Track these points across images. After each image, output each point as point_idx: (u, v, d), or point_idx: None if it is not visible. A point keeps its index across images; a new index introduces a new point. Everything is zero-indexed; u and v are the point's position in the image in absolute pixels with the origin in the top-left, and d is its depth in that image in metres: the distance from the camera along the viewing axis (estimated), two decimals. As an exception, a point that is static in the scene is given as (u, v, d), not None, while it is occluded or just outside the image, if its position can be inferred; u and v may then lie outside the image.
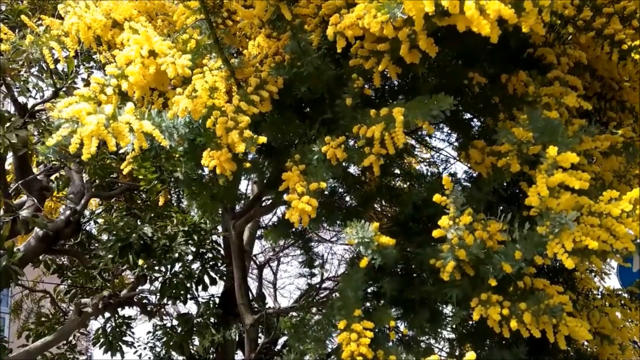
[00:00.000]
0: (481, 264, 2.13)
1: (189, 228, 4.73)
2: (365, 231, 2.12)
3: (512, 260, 2.05)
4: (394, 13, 1.84)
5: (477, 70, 2.60)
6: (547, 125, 2.08)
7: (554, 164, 1.96)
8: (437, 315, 2.79)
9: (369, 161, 2.23)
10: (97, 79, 2.37)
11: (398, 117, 2.10)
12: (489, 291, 2.15)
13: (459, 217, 2.08)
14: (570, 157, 1.94)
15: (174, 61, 2.29)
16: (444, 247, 2.11)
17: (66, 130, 2.00)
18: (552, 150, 1.95)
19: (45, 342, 4.87)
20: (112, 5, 2.63)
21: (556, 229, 1.94)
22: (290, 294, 11.46)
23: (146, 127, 2.12)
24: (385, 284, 2.54)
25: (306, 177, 2.26)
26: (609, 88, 2.74)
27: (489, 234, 2.12)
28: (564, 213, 1.94)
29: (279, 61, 2.43)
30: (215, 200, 3.21)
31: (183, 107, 2.19)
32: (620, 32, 2.26)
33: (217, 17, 2.45)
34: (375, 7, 1.89)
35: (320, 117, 2.54)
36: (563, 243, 1.94)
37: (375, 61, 2.21)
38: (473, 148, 2.51)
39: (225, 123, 2.18)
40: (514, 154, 2.22)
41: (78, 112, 2.02)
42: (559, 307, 2.11)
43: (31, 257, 4.77)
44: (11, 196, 4.58)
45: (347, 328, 2.25)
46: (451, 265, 2.09)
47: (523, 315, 2.08)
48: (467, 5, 1.66)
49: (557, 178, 1.95)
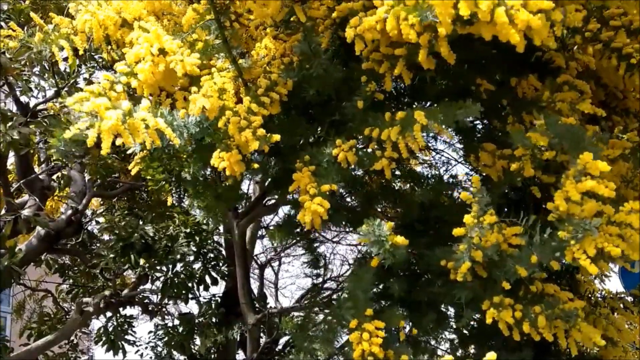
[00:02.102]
0: (494, 266, 2.13)
1: (190, 229, 4.73)
2: (381, 230, 2.11)
3: (527, 264, 2.06)
4: (426, 16, 1.82)
5: (485, 74, 2.59)
6: (568, 131, 2.08)
7: (582, 171, 1.97)
8: (443, 317, 2.79)
9: (380, 165, 2.23)
10: (107, 76, 2.36)
11: (422, 120, 2.09)
12: (501, 294, 2.15)
13: (482, 215, 2.07)
14: (600, 166, 1.95)
15: (183, 59, 2.29)
16: (461, 247, 2.10)
17: (85, 124, 1.99)
18: (587, 156, 1.96)
19: (47, 341, 4.87)
20: (122, 4, 2.62)
21: (579, 234, 1.94)
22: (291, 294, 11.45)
23: (161, 124, 2.13)
24: (393, 284, 2.54)
25: (317, 179, 2.26)
26: (614, 97, 2.75)
27: (504, 237, 2.12)
28: (588, 219, 1.95)
29: (287, 63, 2.43)
30: (219, 200, 3.21)
31: (200, 106, 2.18)
32: (628, 46, 2.27)
33: (225, 17, 2.44)
34: (404, 9, 1.87)
35: (327, 118, 2.54)
36: (585, 249, 1.94)
37: (388, 65, 2.21)
38: (483, 151, 2.51)
39: (238, 123, 2.19)
40: (527, 158, 2.22)
41: (97, 107, 2.02)
42: (574, 312, 2.11)
43: (33, 256, 4.77)
44: (13, 195, 4.57)
45: (359, 327, 2.25)
46: (466, 266, 2.09)
47: (537, 319, 2.08)
48: (499, 13, 1.66)
49: (586, 185, 1.96)
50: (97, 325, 5.96)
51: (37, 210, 4.54)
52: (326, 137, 2.41)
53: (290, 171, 2.52)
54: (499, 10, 1.67)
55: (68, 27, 2.64)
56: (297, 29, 2.31)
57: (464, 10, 1.71)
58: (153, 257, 4.69)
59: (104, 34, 2.56)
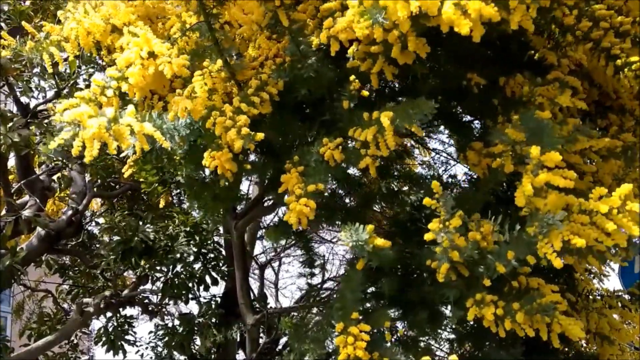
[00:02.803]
0: (475, 264, 2.14)
1: (190, 229, 4.75)
2: (359, 234, 2.12)
3: (505, 261, 2.06)
4: (376, 18, 1.85)
5: (477, 72, 2.60)
6: (537, 125, 2.08)
7: (539, 164, 1.96)
8: (437, 316, 2.80)
9: (364, 163, 2.24)
10: (97, 81, 2.38)
11: (385, 121, 2.12)
12: (484, 291, 2.15)
13: (449, 220, 2.08)
14: (554, 157, 1.94)
15: (170, 60, 2.31)
16: (437, 250, 2.11)
17: (68, 133, 2.02)
18: (535, 150, 1.95)
19: (47, 342, 4.90)
20: (111, 10, 2.64)
21: (545, 229, 1.94)
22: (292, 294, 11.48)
23: (147, 129, 2.14)
24: (384, 284, 2.55)
25: (305, 179, 2.27)
26: (607, 96, 2.75)
27: (482, 234, 2.12)
28: (552, 213, 1.94)
29: (279, 63, 2.44)
30: (217, 200, 3.23)
31: (183, 107, 2.20)
32: (616, 46, 2.27)
33: (216, 20, 2.46)
34: (358, 12, 1.90)
35: (319, 118, 2.56)
36: (552, 243, 1.94)
37: (371, 63, 2.22)
38: (471, 150, 2.52)
39: (224, 122, 2.19)
40: (508, 155, 2.22)
41: (80, 116, 2.04)
42: (552, 305, 2.10)
43: (33, 256, 4.80)
44: (13, 196, 4.60)
45: (345, 331, 2.27)
46: (445, 267, 2.10)
47: (516, 315, 2.08)
48: (445, 7, 1.67)
49: (541, 178, 1.95)
50: (97, 325, 6.00)
51: (37, 211, 4.57)
52: (316, 137, 2.42)
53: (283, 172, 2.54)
54: (446, 3, 1.68)
55: (59, 35, 2.67)
56: (284, 33, 2.32)
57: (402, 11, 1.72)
58: (153, 258, 4.71)
59: (93, 41, 2.58)
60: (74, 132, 2.00)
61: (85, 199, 4.87)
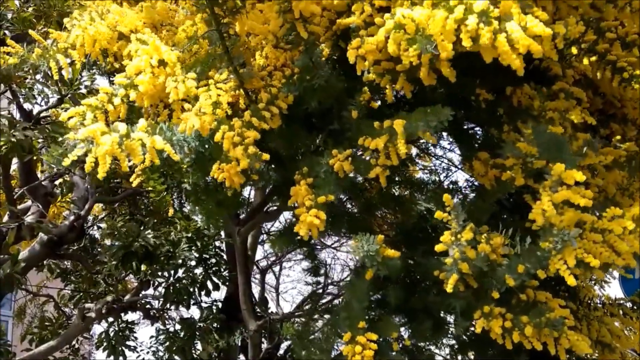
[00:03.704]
0: (484, 276, 2.15)
1: (192, 234, 4.75)
2: (370, 244, 2.14)
3: (515, 274, 2.08)
4: (427, 49, 1.86)
5: (483, 81, 2.61)
6: (552, 140, 2.10)
7: (558, 181, 1.98)
8: (441, 324, 2.81)
9: (375, 173, 2.25)
10: (104, 89, 2.39)
11: (399, 129, 2.13)
12: (492, 303, 2.17)
13: (460, 232, 2.10)
14: (575, 175, 1.97)
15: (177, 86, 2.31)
16: (447, 261, 2.13)
17: (81, 150, 2.03)
18: (559, 167, 1.97)
19: (49, 347, 4.90)
20: (118, 17, 2.65)
21: (559, 245, 1.96)
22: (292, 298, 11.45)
23: (158, 143, 2.15)
24: (390, 293, 2.56)
25: (314, 190, 2.28)
26: (611, 105, 2.77)
27: (492, 247, 2.14)
28: (567, 230, 1.96)
29: (288, 74, 2.45)
30: (221, 207, 3.24)
31: (191, 125, 2.21)
32: (622, 59, 2.29)
33: (227, 28, 2.47)
34: (405, 39, 1.90)
35: (327, 127, 2.57)
36: (565, 259, 1.96)
37: (389, 79, 2.24)
38: (477, 160, 2.54)
39: (232, 138, 2.20)
40: (518, 168, 2.24)
41: (93, 133, 2.05)
42: (560, 320, 2.13)
43: (35, 262, 4.79)
44: (16, 202, 4.60)
45: (352, 340, 2.28)
46: (454, 278, 2.11)
47: (525, 328, 2.10)
48: (500, 41, 1.70)
49: (561, 195, 1.98)
50: (98, 330, 6.00)
51: (40, 217, 4.57)
52: (324, 147, 2.43)
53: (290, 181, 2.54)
54: (501, 38, 1.70)
55: (66, 42, 2.68)
56: (298, 43, 2.33)
57: (466, 42, 1.74)
58: (155, 263, 4.71)
59: (100, 48, 2.59)
60: (87, 148, 2.02)
61: (88, 205, 4.87)
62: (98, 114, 2.30)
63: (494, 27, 1.71)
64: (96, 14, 2.64)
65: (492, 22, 1.72)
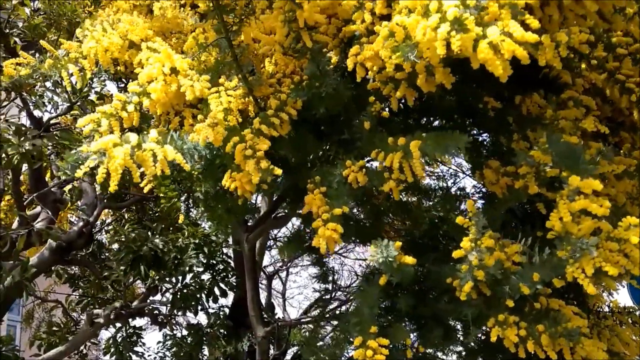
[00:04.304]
0: (498, 284, 2.16)
1: (199, 241, 4.77)
2: (389, 250, 2.14)
3: (530, 282, 2.08)
4: (407, 57, 1.88)
5: (491, 90, 2.62)
6: (567, 149, 2.10)
7: (575, 190, 1.99)
8: (450, 332, 2.81)
9: (388, 187, 2.27)
10: (118, 96, 2.41)
11: (415, 151, 2.14)
12: (506, 312, 2.17)
13: (480, 239, 2.10)
14: (593, 184, 1.97)
15: (193, 84, 2.33)
16: (463, 268, 2.13)
17: (94, 162, 2.05)
18: (574, 179, 1.97)
19: (58, 352, 4.92)
20: (129, 26, 2.68)
21: (577, 254, 1.96)
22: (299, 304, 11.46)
23: (170, 154, 2.17)
24: (400, 300, 2.57)
25: (328, 201, 2.29)
26: (620, 113, 2.77)
27: (507, 255, 2.14)
28: (585, 238, 1.96)
29: (297, 81, 2.47)
30: (230, 213, 3.25)
31: (204, 137, 2.22)
32: (631, 80, 2.29)
33: (236, 36, 2.49)
34: (390, 47, 1.92)
35: (337, 135, 2.58)
36: (583, 268, 1.96)
37: (392, 87, 2.25)
38: (487, 168, 2.54)
39: (243, 150, 2.21)
40: (531, 176, 2.25)
41: (105, 145, 2.07)
42: (577, 330, 2.13)
43: (44, 267, 4.81)
44: (25, 209, 4.63)
45: (363, 344, 2.28)
46: (469, 285, 2.12)
47: (540, 337, 2.10)
48: (481, 47, 1.68)
49: (579, 204, 1.98)
50: (106, 335, 6.02)
51: (49, 223, 4.59)
52: (335, 156, 2.44)
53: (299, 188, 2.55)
54: (482, 44, 1.68)
55: (77, 51, 2.70)
56: (305, 52, 2.34)
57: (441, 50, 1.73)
58: (162, 269, 4.73)
59: (111, 58, 2.61)
60: (99, 160, 2.04)
61: (96, 211, 4.89)
62: (112, 121, 2.32)
63: (473, 34, 1.68)
64: (107, 24, 2.66)
65: (470, 29, 1.69)
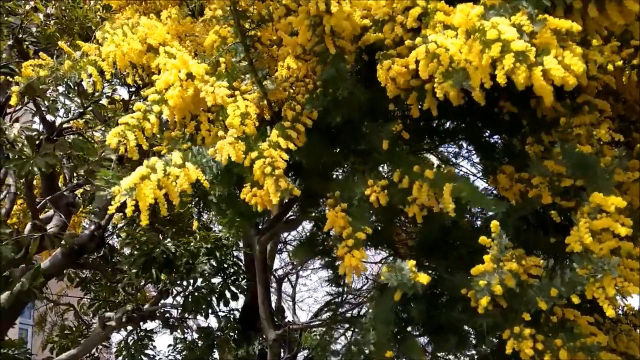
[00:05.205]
0: (515, 297, 2.12)
1: (211, 244, 4.78)
2: (404, 273, 2.11)
3: (547, 297, 2.05)
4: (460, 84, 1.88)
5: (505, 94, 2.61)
6: (581, 159, 2.08)
7: (597, 208, 1.95)
8: (464, 339, 2.79)
9: (412, 212, 2.27)
10: (139, 106, 2.42)
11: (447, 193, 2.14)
12: (521, 324, 2.13)
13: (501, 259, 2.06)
14: (616, 201, 1.93)
15: (213, 90, 2.33)
16: (481, 283, 2.08)
17: (123, 197, 2.06)
18: (597, 196, 1.94)
19: (70, 355, 4.95)
20: (147, 30, 2.69)
21: (598, 274, 1.93)
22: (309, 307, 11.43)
23: (192, 174, 2.19)
24: (414, 309, 2.55)
25: (350, 220, 2.27)
26: (632, 111, 2.74)
27: (524, 267, 2.11)
28: (607, 259, 1.92)
29: (310, 88, 2.46)
30: (242, 217, 3.26)
31: (226, 156, 2.22)
32: None
33: (252, 41, 2.49)
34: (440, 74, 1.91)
35: (352, 145, 2.56)
36: (604, 287, 1.93)
37: (416, 96, 2.24)
38: (501, 173, 2.52)
39: (262, 166, 2.20)
40: (545, 186, 2.22)
41: (136, 182, 2.09)
42: (597, 346, 2.09)
43: (57, 271, 4.84)
44: (38, 213, 4.65)
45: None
46: (486, 300, 2.07)
47: (559, 352, 2.05)
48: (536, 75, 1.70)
49: (601, 223, 1.94)
50: (117, 338, 6.05)
51: (62, 227, 4.62)
52: (353, 167, 2.43)
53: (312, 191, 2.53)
54: (537, 71, 1.70)
55: (95, 54, 2.72)
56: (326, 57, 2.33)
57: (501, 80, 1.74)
58: (174, 272, 4.74)
59: (129, 61, 2.62)
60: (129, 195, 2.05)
61: (108, 214, 4.91)
62: (137, 132, 2.33)
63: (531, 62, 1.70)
64: (127, 28, 2.67)
65: (530, 59, 1.70)
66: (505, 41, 1.74)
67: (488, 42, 1.76)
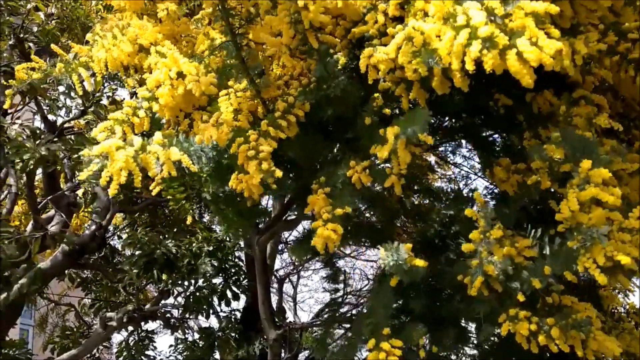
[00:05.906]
0: (509, 280, 2.13)
1: (213, 245, 4.78)
2: (400, 253, 2.12)
3: (541, 276, 2.05)
4: (429, 62, 1.87)
5: (501, 88, 2.61)
6: (582, 142, 2.08)
7: (585, 179, 1.96)
8: (464, 333, 2.79)
9: (390, 182, 2.26)
10: (129, 103, 2.44)
11: (390, 137, 2.14)
12: (517, 307, 2.14)
13: (489, 230, 2.08)
14: (603, 173, 1.94)
15: (198, 79, 2.34)
16: (473, 263, 2.10)
17: (96, 165, 2.08)
18: (586, 163, 1.94)
19: (71, 355, 4.95)
20: (138, 31, 2.70)
21: (588, 243, 1.92)
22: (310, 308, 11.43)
23: (174, 155, 2.18)
24: (413, 301, 2.55)
25: (332, 202, 2.27)
26: (631, 109, 2.74)
27: (517, 250, 2.12)
28: (595, 228, 1.93)
29: (304, 83, 2.46)
30: (241, 216, 3.26)
31: (208, 136, 2.23)
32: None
33: (242, 39, 2.50)
34: (410, 52, 1.91)
35: (343, 136, 2.57)
36: (595, 257, 1.92)
37: (405, 87, 2.24)
38: (497, 166, 2.53)
39: (247, 151, 2.21)
40: (544, 171, 2.22)
41: (108, 149, 2.10)
42: (587, 321, 2.09)
43: (58, 271, 4.86)
44: (39, 212, 4.68)
45: (376, 346, 2.27)
46: (479, 280, 2.09)
47: (551, 330, 2.06)
48: (510, 58, 1.67)
49: (589, 192, 1.94)
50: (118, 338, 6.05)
51: (63, 227, 4.64)
52: (342, 156, 2.43)
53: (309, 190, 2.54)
54: (511, 54, 1.67)
55: (87, 55, 2.73)
56: (312, 53, 2.34)
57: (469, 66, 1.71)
58: (175, 273, 4.75)
59: (120, 63, 2.64)
60: (102, 164, 2.06)
61: (109, 214, 4.93)
62: (125, 127, 2.35)
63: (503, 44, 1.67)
64: (117, 30, 2.69)
65: (499, 44, 1.68)
66: (474, 27, 1.72)
67: (458, 29, 1.75)
